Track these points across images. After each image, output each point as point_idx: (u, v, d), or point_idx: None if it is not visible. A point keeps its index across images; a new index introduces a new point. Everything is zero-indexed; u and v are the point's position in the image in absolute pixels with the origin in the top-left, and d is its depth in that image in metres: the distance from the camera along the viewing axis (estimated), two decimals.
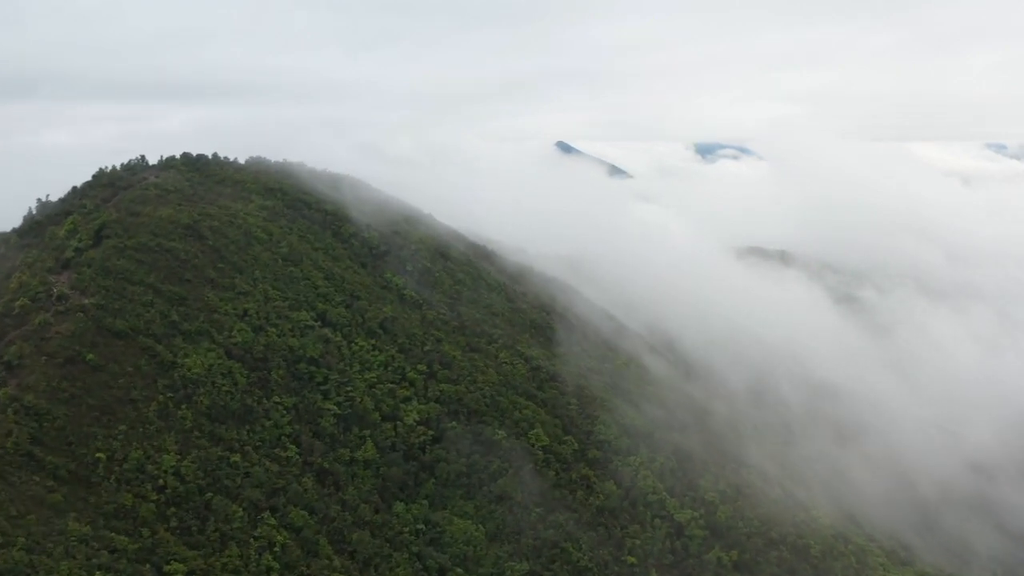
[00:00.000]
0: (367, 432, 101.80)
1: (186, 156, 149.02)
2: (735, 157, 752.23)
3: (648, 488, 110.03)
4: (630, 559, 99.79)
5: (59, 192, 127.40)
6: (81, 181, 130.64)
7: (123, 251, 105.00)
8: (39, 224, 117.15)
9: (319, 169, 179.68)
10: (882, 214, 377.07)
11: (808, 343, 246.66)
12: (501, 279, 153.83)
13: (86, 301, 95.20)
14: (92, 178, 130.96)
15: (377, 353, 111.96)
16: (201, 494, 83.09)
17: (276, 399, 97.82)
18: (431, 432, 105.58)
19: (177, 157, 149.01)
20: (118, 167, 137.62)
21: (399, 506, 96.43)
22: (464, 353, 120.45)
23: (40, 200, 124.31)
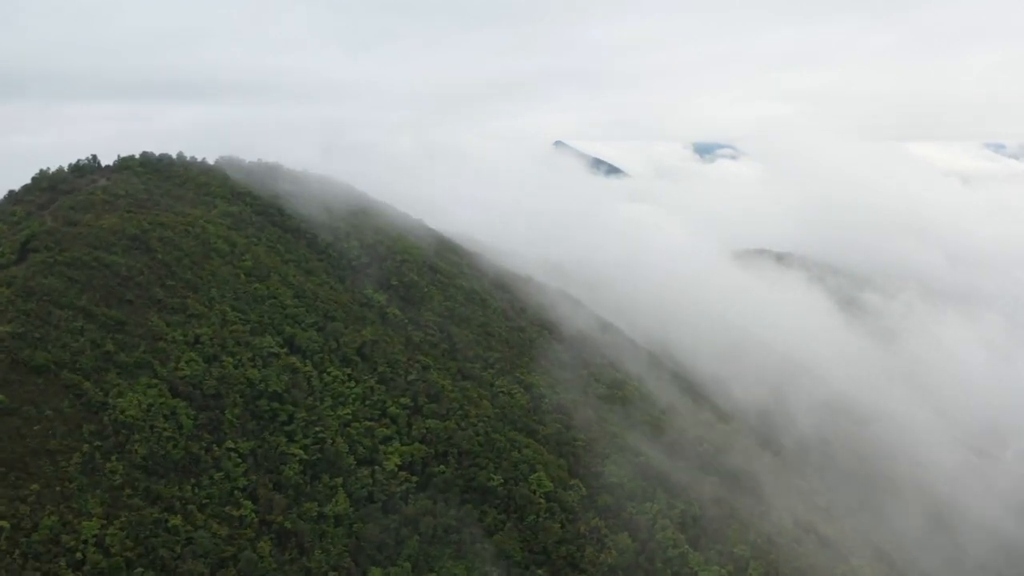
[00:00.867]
0: (339, 481, 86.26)
1: (146, 156, 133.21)
2: (733, 157, 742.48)
3: (668, 541, 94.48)
4: None
5: None
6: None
7: (52, 267, 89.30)
8: None
9: (298, 170, 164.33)
10: (882, 214, 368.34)
11: (819, 353, 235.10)
12: (497, 293, 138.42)
13: (0, 329, 79.56)
14: (31, 180, 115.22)
15: (353, 384, 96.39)
16: (129, 569, 67.76)
17: (229, 445, 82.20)
18: (415, 479, 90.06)
19: (136, 157, 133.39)
20: (66, 168, 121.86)
21: (376, 572, 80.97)
22: (455, 382, 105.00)
23: None
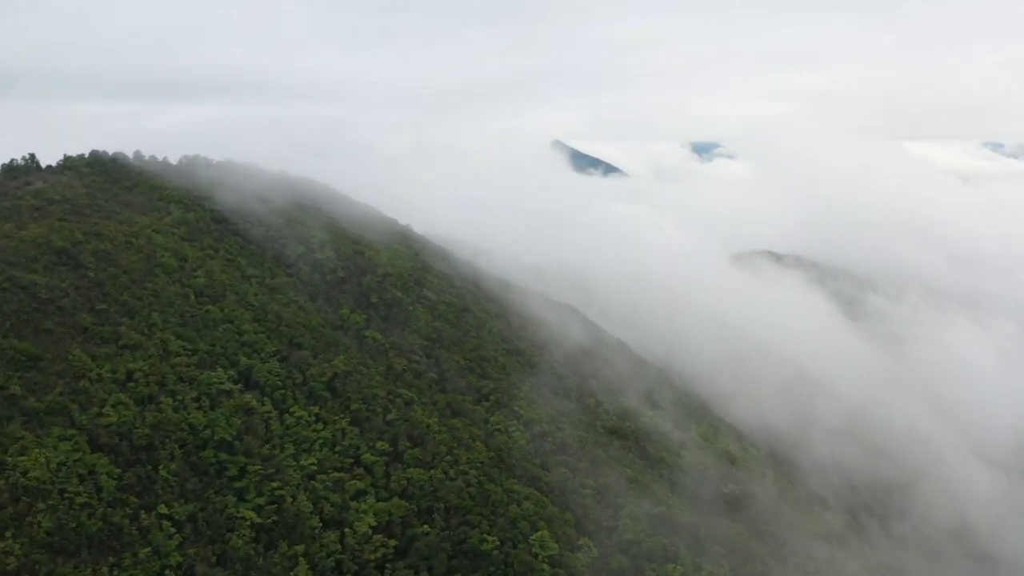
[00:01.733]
0: (300, 549, 70.89)
1: (95, 155, 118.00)
2: (731, 157, 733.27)
3: None
4: None
5: None
6: None
7: None
8: None
9: (275, 172, 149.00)
10: (881, 214, 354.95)
11: (828, 361, 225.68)
12: (492, 308, 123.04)
13: None
14: None
15: (320, 427, 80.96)
16: None
17: (162, 510, 66.77)
18: (393, 543, 74.62)
19: (86, 156, 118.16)
20: None
21: None
22: (442, 420, 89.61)
23: None
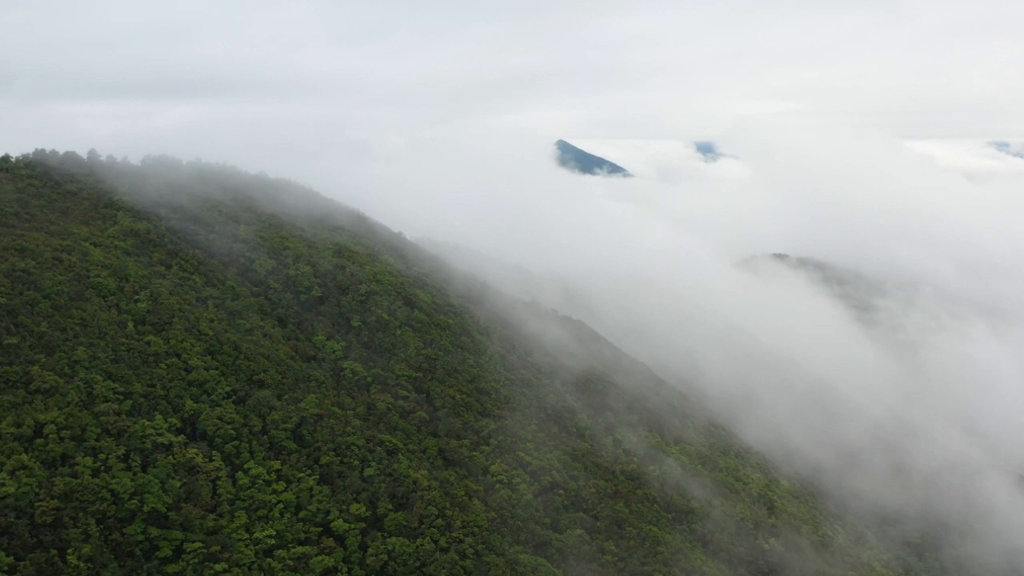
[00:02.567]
0: None
1: (41, 154, 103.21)
2: (736, 156, 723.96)
3: None
4: None
5: None
6: None
7: None
8: None
9: (252, 173, 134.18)
10: (890, 214, 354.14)
11: (848, 371, 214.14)
12: (493, 328, 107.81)
13: None
14: None
15: (282, 487, 65.76)
16: None
17: None
18: None
19: (31, 155, 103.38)
20: None
21: None
22: (433, 471, 74.50)
23: None
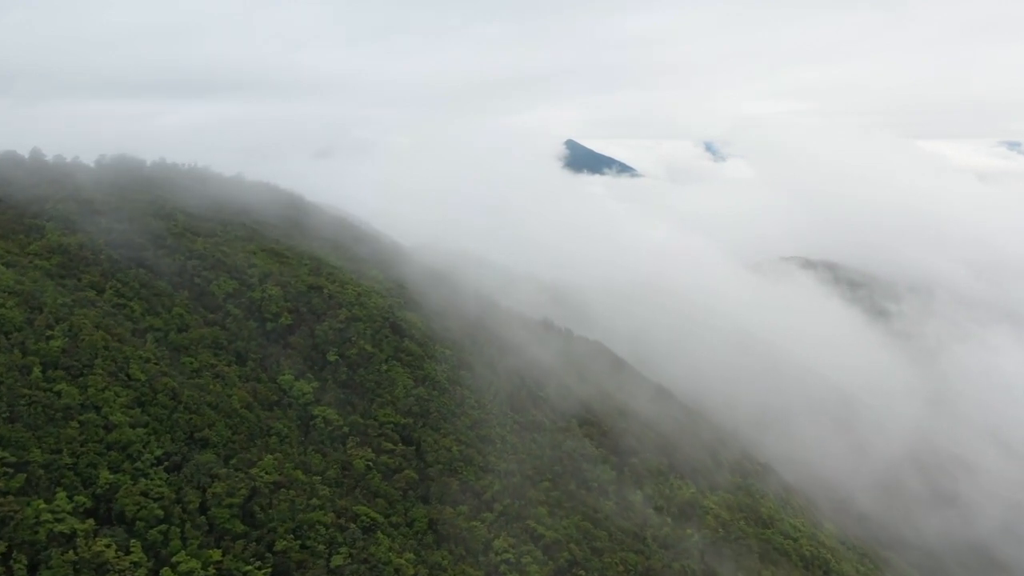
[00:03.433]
0: None
1: None
2: (746, 156, 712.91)
3: None
4: None
5: None
6: None
7: None
8: None
9: (227, 176, 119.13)
10: (903, 215, 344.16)
11: (869, 380, 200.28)
12: (499, 358, 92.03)
13: None
14: None
15: None
16: None
17: None
18: None
19: None
20: None
21: None
22: (422, 551, 59.01)
23: None
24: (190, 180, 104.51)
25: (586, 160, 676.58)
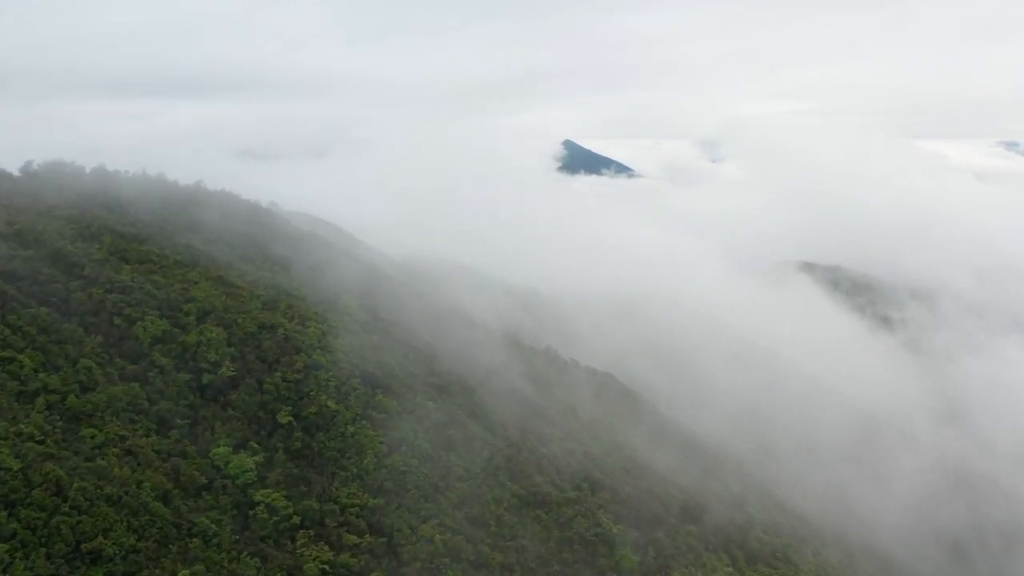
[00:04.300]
0: None
1: None
2: (744, 156, 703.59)
3: None
4: None
5: None
6: None
7: None
8: None
9: (187, 184, 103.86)
10: (904, 217, 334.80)
11: (890, 396, 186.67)
12: (500, 406, 76.75)
13: None
14: None
15: None
16: None
17: None
18: None
19: None
20: None
21: None
22: None
23: None
24: (135, 191, 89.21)
25: (584, 161, 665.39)
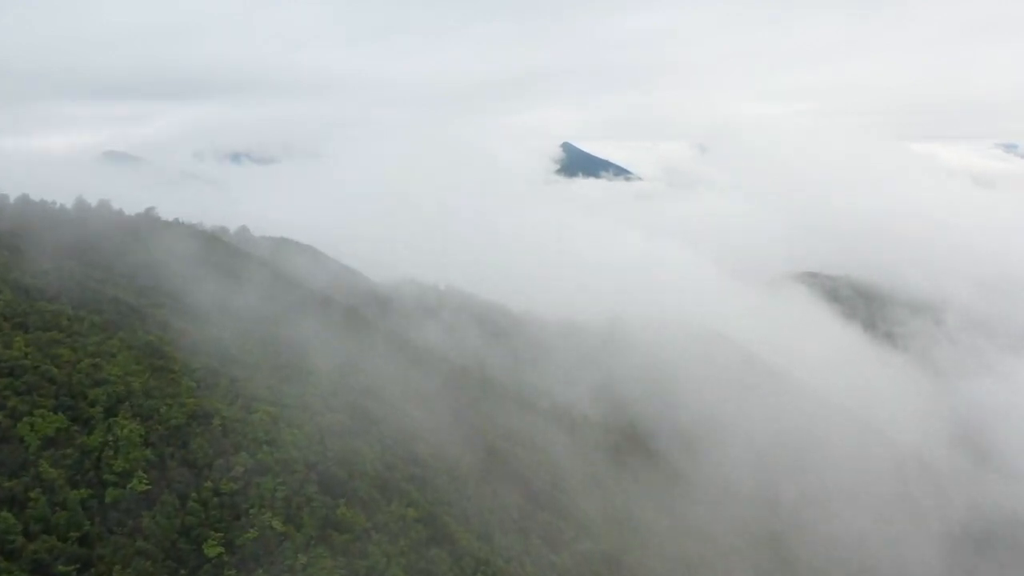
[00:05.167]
0: None
1: None
2: (740, 160, 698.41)
3: None
4: None
5: None
6: None
7: None
8: None
9: (133, 215, 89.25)
10: (904, 223, 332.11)
11: (899, 419, 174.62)
12: (496, 511, 62.19)
13: None
14: None
15: None
16: None
17: None
18: None
19: None
20: None
21: None
22: None
23: None
24: (60, 229, 74.51)
25: (582, 163, 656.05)
